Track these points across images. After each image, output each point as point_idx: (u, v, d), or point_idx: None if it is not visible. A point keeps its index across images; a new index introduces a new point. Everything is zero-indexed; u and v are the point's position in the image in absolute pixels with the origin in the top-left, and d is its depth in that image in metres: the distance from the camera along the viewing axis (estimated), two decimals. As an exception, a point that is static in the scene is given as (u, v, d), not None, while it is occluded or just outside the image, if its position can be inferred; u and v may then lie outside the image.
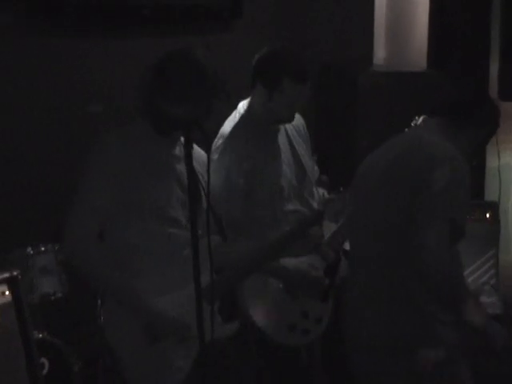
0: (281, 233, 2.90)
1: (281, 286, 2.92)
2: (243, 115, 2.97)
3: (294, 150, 3.06)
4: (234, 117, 2.98)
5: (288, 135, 3.06)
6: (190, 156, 2.07)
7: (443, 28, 4.35)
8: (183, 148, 2.09)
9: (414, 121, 2.68)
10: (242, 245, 2.81)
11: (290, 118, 2.96)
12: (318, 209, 3.07)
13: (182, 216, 2.58)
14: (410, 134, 2.65)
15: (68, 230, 2.49)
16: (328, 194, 3.20)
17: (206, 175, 2.16)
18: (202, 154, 2.61)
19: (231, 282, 2.74)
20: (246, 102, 2.99)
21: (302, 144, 3.12)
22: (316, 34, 4.27)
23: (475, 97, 2.65)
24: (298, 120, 3.11)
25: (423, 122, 2.64)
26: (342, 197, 3.11)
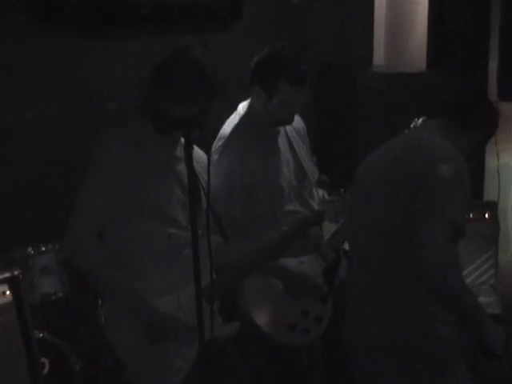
0: (281, 233, 2.90)
1: (281, 286, 2.93)
2: (243, 116, 2.97)
3: (293, 152, 3.07)
4: (234, 118, 2.98)
5: (288, 137, 3.07)
6: (191, 157, 2.07)
7: (443, 29, 4.36)
8: (183, 149, 2.10)
9: (413, 122, 2.68)
10: (242, 245, 2.82)
11: (289, 120, 2.97)
12: (318, 209, 3.07)
13: (182, 217, 2.58)
14: (409, 134, 2.65)
15: (68, 229, 2.49)
16: (328, 196, 3.21)
17: (206, 176, 2.16)
18: (202, 154, 2.61)
19: (231, 282, 2.74)
20: (245, 103, 3.00)
21: (302, 146, 3.13)
22: (316, 34, 4.27)
23: (475, 97, 2.66)
24: (298, 122, 3.12)
25: (423, 123, 2.64)
26: (342, 198, 3.11)
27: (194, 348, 2.41)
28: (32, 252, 3.11)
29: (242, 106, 3.00)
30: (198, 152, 2.56)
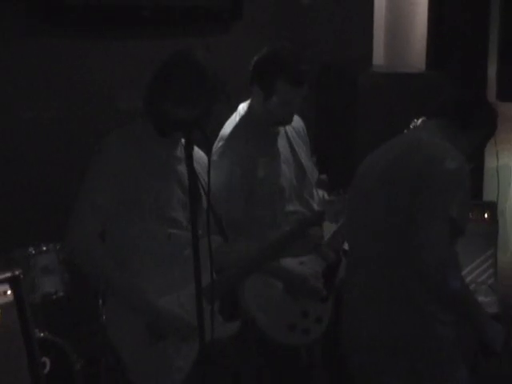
0: (281, 233, 2.91)
1: (281, 286, 2.93)
2: (243, 116, 2.97)
3: (294, 152, 3.07)
4: (235, 118, 2.99)
5: (288, 137, 3.07)
6: (191, 157, 2.07)
7: (442, 29, 4.36)
8: (184, 149, 2.10)
9: (412, 123, 2.69)
10: (242, 245, 2.82)
11: (288, 120, 2.97)
12: (319, 209, 3.08)
13: (182, 217, 2.58)
14: (409, 134, 2.65)
15: (69, 229, 2.49)
16: (328, 196, 3.21)
17: (206, 176, 2.16)
18: (202, 155, 2.62)
19: (231, 282, 2.75)
20: (246, 103, 3.00)
21: (302, 146, 3.13)
22: (316, 34, 4.27)
23: (475, 97, 2.66)
24: (298, 122, 3.12)
25: (422, 124, 2.64)
26: (342, 198, 3.12)
27: (194, 348, 2.41)
28: (33, 252, 3.11)
29: (242, 107, 3.00)
30: (198, 153, 2.56)
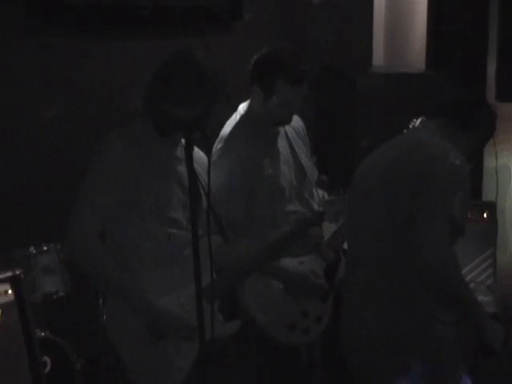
0: (281, 233, 2.91)
1: (281, 286, 2.93)
2: (243, 116, 2.97)
3: (293, 152, 3.07)
4: (234, 118, 2.99)
5: (288, 137, 3.07)
6: (191, 157, 2.07)
7: (442, 29, 4.36)
8: (184, 150, 2.10)
9: (411, 123, 2.69)
10: (242, 245, 2.82)
11: (287, 120, 2.97)
12: (319, 209, 3.08)
13: (182, 217, 2.58)
14: (409, 134, 2.66)
15: (69, 229, 2.49)
16: (328, 196, 3.21)
17: (206, 176, 2.16)
18: (202, 155, 2.62)
19: (231, 282, 2.75)
20: (245, 103, 3.00)
21: (302, 146, 3.13)
22: (316, 34, 4.27)
23: (475, 96, 2.67)
24: (298, 122, 3.12)
25: (422, 124, 2.65)
26: (342, 198, 3.12)
27: (194, 348, 2.41)
28: (34, 251, 3.11)
29: (242, 107, 3.00)
30: (198, 153, 2.57)
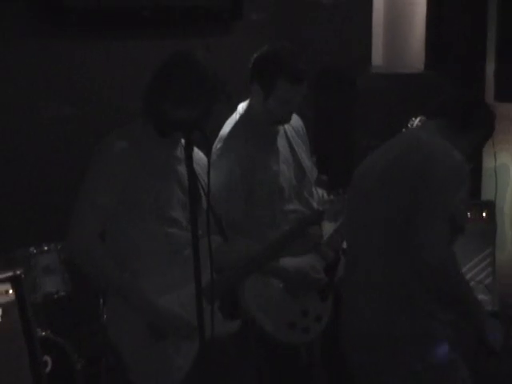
0: (280, 232, 2.92)
1: (281, 285, 2.94)
2: (242, 115, 2.97)
3: (293, 152, 3.07)
4: (234, 118, 2.99)
5: (287, 137, 3.07)
6: (191, 158, 2.07)
7: (441, 30, 4.37)
8: (184, 150, 2.10)
9: (410, 122, 2.70)
10: (242, 245, 2.82)
11: (287, 119, 2.97)
12: (318, 208, 3.08)
13: (182, 217, 2.58)
14: (409, 134, 2.66)
15: (69, 229, 2.50)
16: (327, 195, 3.22)
17: (206, 177, 2.17)
18: (202, 156, 2.62)
19: (231, 282, 2.75)
20: (245, 103, 3.00)
21: (301, 145, 3.13)
22: (316, 34, 4.28)
23: (474, 97, 2.67)
24: (297, 121, 3.13)
25: (421, 123, 2.65)
26: (342, 197, 3.12)
27: (194, 347, 2.42)
28: (34, 251, 3.12)
29: (242, 106, 3.01)
30: (198, 154, 2.57)
